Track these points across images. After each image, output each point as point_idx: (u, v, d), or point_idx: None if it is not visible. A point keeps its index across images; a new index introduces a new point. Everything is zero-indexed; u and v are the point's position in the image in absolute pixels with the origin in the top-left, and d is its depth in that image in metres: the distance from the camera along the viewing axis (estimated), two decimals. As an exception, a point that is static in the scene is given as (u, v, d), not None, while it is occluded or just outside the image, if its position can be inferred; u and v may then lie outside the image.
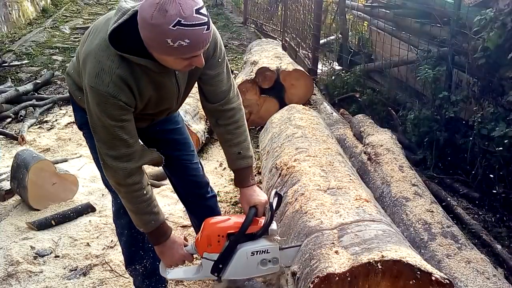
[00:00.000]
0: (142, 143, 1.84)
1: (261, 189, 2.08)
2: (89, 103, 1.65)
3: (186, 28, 1.43)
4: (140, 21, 1.48)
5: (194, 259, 1.99)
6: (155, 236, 1.88)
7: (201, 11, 1.45)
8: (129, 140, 1.70)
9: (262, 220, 1.88)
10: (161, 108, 1.86)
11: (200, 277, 1.94)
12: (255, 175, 3.70)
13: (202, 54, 1.56)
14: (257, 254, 1.82)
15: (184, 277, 2.01)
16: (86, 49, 1.66)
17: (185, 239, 1.97)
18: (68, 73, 1.95)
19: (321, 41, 6.48)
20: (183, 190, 2.28)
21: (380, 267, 1.59)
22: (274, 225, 1.87)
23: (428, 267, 1.62)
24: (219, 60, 1.82)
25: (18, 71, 6.54)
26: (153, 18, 1.42)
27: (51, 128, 4.73)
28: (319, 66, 6.19)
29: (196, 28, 1.44)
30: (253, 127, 4.84)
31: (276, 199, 1.87)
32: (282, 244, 1.89)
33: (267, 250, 1.83)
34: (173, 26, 1.41)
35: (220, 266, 1.83)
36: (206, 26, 1.47)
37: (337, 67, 6.03)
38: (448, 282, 1.60)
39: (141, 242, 2.11)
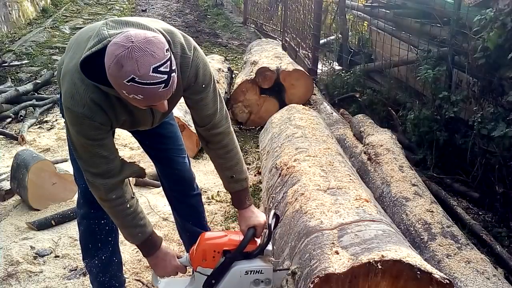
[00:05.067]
0: (122, 157, 1.81)
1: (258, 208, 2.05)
2: (67, 122, 1.67)
3: (140, 86, 1.40)
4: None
5: (187, 271, 1.99)
6: (144, 248, 1.89)
7: (160, 69, 1.41)
8: (109, 156, 1.72)
9: (258, 240, 1.88)
10: (138, 128, 1.89)
11: None
12: (255, 175, 3.76)
13: (165, 101, 1.51)
14: (251, 273, 1.83)
15: None
16: (66, 67, 1.65)
17: (178, 256, 1.96)
18: (60, 65, 1.92)
19: (321, 41, 6.48)
20: (168, 183, 2.31)
21: (380, 267, 1.59)
22: (269, 246, 1.87)
23: (428, 267, 1.62)
24: (203, 85, 1.77)
25: (18, 71, 6.53)
26: (110, 68, 1.41)
27: (51, 128, 4.73)
28: (319, 66, 6.19)
29: (150, 86, 1.41)
30: (253, 127, 4.84)
31: (274, 220, 1.88)
32: (276, 265, 1.89)
33: (261, 270, 1.84)
34: (127, 82, 1.39)
35: (213, 281, 1.83)
36: (163, 85, 1.42)
37: (337, 67, 6.03)
38: (448, 282, 1.60)
39: (99, 234, 2.11)
